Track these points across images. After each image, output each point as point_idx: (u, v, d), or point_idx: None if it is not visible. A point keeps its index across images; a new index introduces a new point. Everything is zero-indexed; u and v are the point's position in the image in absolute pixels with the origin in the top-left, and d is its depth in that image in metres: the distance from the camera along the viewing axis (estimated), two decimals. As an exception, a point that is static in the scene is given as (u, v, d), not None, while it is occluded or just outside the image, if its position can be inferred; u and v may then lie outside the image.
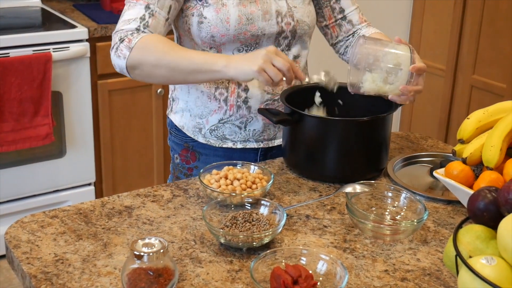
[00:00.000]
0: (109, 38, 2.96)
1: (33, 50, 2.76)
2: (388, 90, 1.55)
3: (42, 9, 3.24)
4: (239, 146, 1.73)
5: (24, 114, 2.76)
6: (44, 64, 2.73)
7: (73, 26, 2.92)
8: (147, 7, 1.58)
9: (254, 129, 1.72)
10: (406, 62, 1.53)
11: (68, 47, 2.83)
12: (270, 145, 1.76)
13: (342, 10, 1.79)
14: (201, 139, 1.75)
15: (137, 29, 1.57)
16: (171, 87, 1.83)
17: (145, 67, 1.56)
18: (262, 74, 1.46)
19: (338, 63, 1.97)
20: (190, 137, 1.77)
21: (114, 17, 3.08)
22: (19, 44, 2.74)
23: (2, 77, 2.66)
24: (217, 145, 1.74)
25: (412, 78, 1.54)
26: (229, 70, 1.49)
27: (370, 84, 1.54)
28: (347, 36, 1.82)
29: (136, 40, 1.54)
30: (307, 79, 1.60)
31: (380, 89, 1.55)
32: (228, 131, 1.72)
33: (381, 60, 1.53)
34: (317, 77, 1.63)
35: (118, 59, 1.58)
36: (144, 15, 1.57)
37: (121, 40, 1.56)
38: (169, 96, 1.84)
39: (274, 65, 1.47)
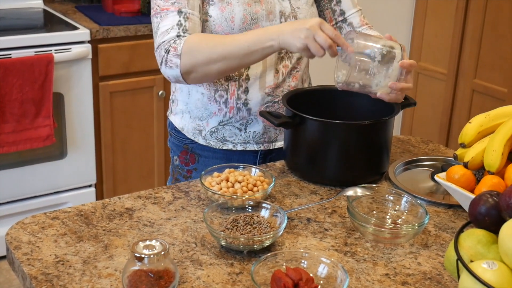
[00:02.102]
0: (110, 40, 2.97)
1: (35, 52, 2.76)
2: (377, 88, 1.53)
3: (44, 10, 3.25)
4: (239, 148, 1.74)
5: (25, 115, 2.76)
6: (46, 65, 2.74)
7: (75, 28, 2.92)
8: (180, 11, 1.58)
9: (255, 131, 1.72)
10: (396, 58, 1.51)
11: (70, 48, 2.84)
12: (271, 148, 1.76)
13: (342, 13, 1.79)
14: (201, 141, 1.75)
15: (178, 36, 1.56)
16: (172, 88, 1.83)
17: (199, 68, 1.55)
18: (306, 51, 1.47)
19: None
20: (190, 139, 1.77)
21: (116, 19, 3.09)
22: (21, 45, 2.74)
23: (4, 78, 2.66)
24: (217, 147, 1.74)
25: (402, 75, 1.52)
26: (279, 44, 1.50)
27: (358, 81, 1.52)
28: (348, 39, 1.81)
29: (181, 45, 1.54)
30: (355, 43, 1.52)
31: (369, 86, 1.53)
32: (228, 133, 1.72)
33: (371, 56, 1.51)
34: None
35: (171, 70, 1.57)
36: (179, 20, 1.57)
37: (167, 52, 1.55)
38: (170, 97, 1.84)
39: (316, 41, 1.46)
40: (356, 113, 1.68)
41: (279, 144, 1.76)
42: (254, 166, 1.54)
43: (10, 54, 2.71)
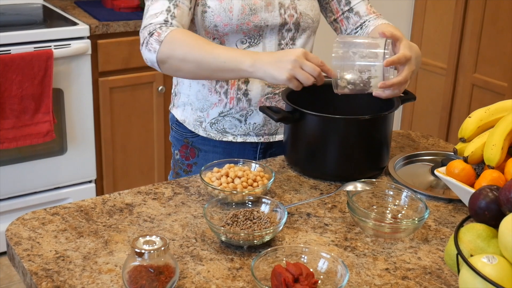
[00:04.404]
0: (110, 36, 2.97)
1: (35, 47, 2.76)
2: (368, 88, 1.53)
3: (44, 6, 3.25)
4: (239, 140, 1.74)
5: (25, 111, 2.76)
6: (45, 61, 2.74)
7: (75, 23, 2.92)
8: None
9: (255, 123, 1.72)
10: (379, 57, 1.51)
11: (70, 44, 2.83)
12: (271, 140, 1.76)
13: (348, 2, 1.79)
14: (201, 133, 1.75)
15: (165, 21, 1.57)
16: (174, 81, 1.84)
17: (173, 61, 1.55)
18: (293, 81, 1.46)
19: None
20: (191, 133, 1.77)
21: (115, 14, 3.09)
22: (20, 41, 2.74)
23: (4, 74, 2.66)
24: (217, 139, 1.74)
25: (388, 72, 1.50)
26: (257, 71, 1.48)
27: (350, 84, 1.52)
28: (355, 29, 1.80)
29: (165, 33, 1.54)
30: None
31: (360, 87, 1.53)
32: (229, 124, 1.73)
33: (354, 59, 1.51)
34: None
35: (149, 53, 1.57)
36: (169, 6, 1.58)
37: (151, 34, 1.56)
38: (172, 91, 1.85)
39: (303, 70, 1.45)
40: (356, 108, 1.68)
41: (279, 137, 1.76)
42: (254, 161, 1.54)
43: (10, 50, 2.71)
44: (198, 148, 1.78)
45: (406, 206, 1.40)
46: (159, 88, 3.15)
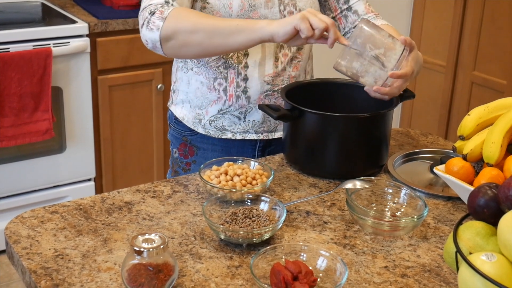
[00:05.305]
0: (109, 34, 2.97)
1: (34, 45, 2.75)
2: (364, 80, 1.54)
3: (43, 4, 3.24)
4: (239, 137, 1.74)
5: (24, 109, 2.76)
6: (45, 59, 2.73)
7: (74, 21, 2.92)
8: None
9: (254, 120, 1.72)
10: (390, 64, 1.51)
11: (69, 42, 2.83)
12: (270, 137, 1.76)
13: (347, 1, 1.78)
14: (201, 130, 1.75)
15: (167, 2, 1.55)
16: (172, 78, 1.83)
17: (180, 35, 1.52)
18: (304, 22, 1.44)
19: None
20: (189, 130, 1.77)
21: (114, 12, 3.08)
22: (19, 39, 2.74)
23: (3, 72, 2.66)
24: (216, 136, 1.74)
25: (389, 82, 1.53)
26: (271, 25, 1.47)
27: (351, 65, 1.52)
28: (353, 27, 1.80)
29: (168, 11, 1.52)
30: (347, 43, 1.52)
31: (357, 78, 1.53)
32: (228, 122, 1.72)
33: (367, 54, 1.51)
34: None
35: (151, 32, 1.53)
36: None
37: (152, 13, 1.53)
38: (171, 88, 1.85)
39: (309, 22, 1.45)
40: (355, 105, 1.68)
41: (278, 134, 1.76)
42: (253, 159, 1.54)
43: (9, 48, 2.70)
44: (197, 146, 1.78)
45: (405, 204, 1.40)
46: (158, 86, 3.15)
